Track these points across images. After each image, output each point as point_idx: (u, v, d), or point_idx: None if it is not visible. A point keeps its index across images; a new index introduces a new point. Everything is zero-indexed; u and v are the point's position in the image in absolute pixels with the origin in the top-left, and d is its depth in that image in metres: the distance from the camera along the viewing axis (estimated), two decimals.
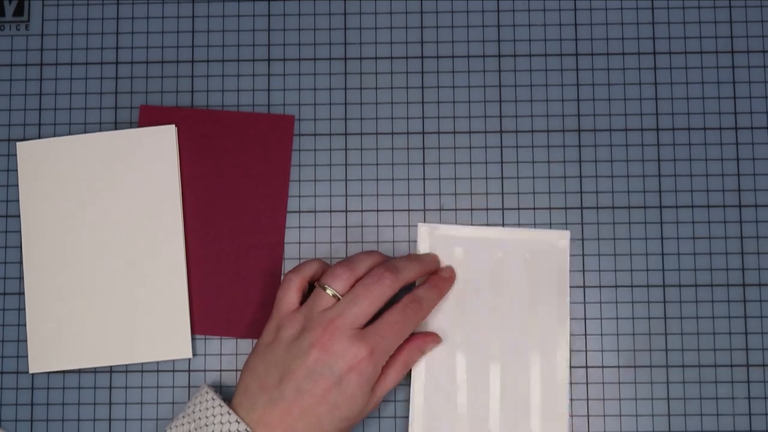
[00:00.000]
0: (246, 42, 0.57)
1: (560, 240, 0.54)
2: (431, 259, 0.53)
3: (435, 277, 0.53)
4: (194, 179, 0.56)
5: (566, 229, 0.55)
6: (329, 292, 0.48)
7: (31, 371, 0.55)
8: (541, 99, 0.56)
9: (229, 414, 0.46)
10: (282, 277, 0.53)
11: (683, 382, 0.54)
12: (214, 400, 0.48)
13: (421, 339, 0.52)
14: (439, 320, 0.53)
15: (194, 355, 0.55)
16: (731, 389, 0.54)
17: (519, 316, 0.53)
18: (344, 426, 0.48)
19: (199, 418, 0.47)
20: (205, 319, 0.55)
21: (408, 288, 0.51)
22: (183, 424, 0.48)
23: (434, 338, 0.53)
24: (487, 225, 0.55)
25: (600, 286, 0.55)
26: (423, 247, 0.55)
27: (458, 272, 0.54)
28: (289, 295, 0.50)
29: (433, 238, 0.55)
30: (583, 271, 0.55)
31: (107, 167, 0.56)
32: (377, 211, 0.56)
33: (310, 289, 0.51)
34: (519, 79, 0.57)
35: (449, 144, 0.56)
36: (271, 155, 0.56)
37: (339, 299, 0.48)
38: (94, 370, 0.55)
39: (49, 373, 0.55)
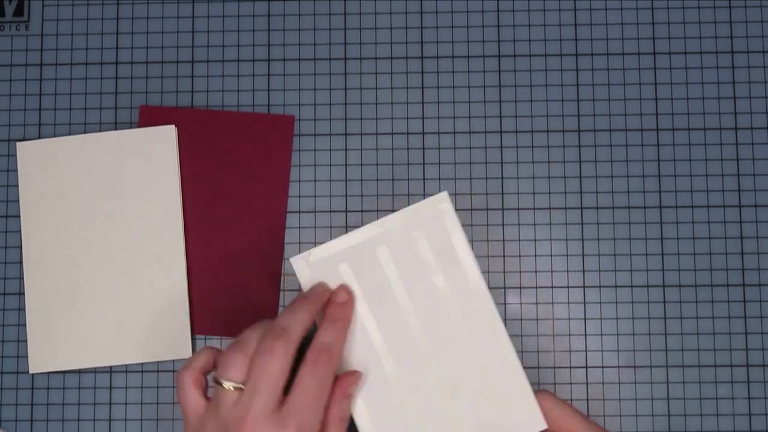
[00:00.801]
0: (246, 42, 0.58)
1: (441, 203, 0.47)
2: (319, 291, 0.46)
3: (331, 309, 0.46)
4: (194, 179, 0.56)
5: (566, 229, 0.55)
6: (227, 386, 0.43)
7: (31, 371, 0.55)
8: (541, 99, 0.56)
9: None
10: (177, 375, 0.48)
11: (683, 382, 0.54)
12: None
13: (342, 386, 0.45)
14: (360, 350, 0.47)
15: None
16: (731, 389, 0.54)
17: (437, 303, 0.47)
18: None
19: None
20: (205, 319, 0.55)
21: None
22: None
23: (354, 377, 0.46)
24: (361, 226, 0.54)
25: (600, 286, 0.55)
26: (305, 282, 0.47)
27: (355, 289, 0.47)
28: (191, 397, 0.44)
29: (311, 268, 0.47)
30: (583, 271, 0.55)
31: (107, 167, 0.56)
32: (377, 211, 0.56)
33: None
34: (519, 79, 0.57)
35: (449, 144, 0.56)
36: (271, 155, 0.56)
37: (242, 389, 0.43)
38: (94, 371, 0.55)
39: (49, 373, 0.55)
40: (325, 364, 0.44)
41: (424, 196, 0.56)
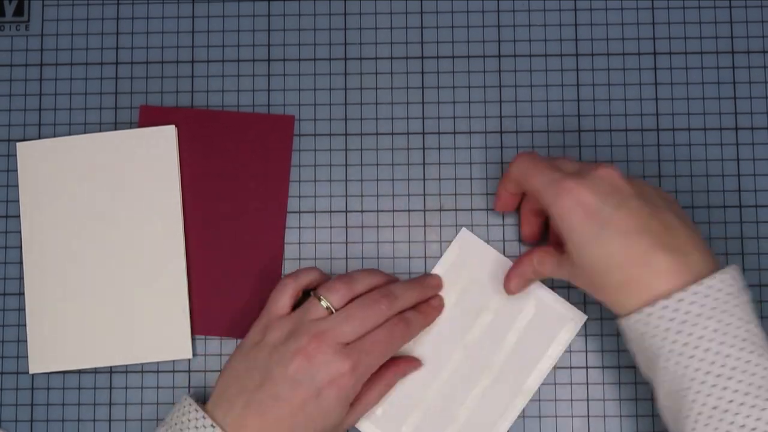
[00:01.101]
0: (246, 42, 0.57)
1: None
2: (432, 284, 0.53)
3: (425, 304, 0.52)
4: (194, 179, 0.56)
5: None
6: (323, 303, 0.48)
7: (31, 371, 0.55)
8: (542, 99, 0.56)
9: (204, 419, 0.46)
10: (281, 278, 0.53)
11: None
12: (191, 405, 0.47)
13: (405, 363, 0.52)
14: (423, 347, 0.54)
15: (194, 355, 0.55)
16: None
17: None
18: None
19: (176, 424, 0.47)
20: (205, 319, 0.55)
21: None
22: None
23: (416, 363, 0.53)
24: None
25: None
26: (451, 254, 0.55)
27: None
28: (282, 299, 0.49)
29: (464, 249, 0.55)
30: None
31: (107, 167, 0.56)
32: (377, 211, 0.56)
33: (304, 296, 0.51)
34: (519, 79, 0.57)
35: (449, 144, 0.56)
36: (271, 155, 0.56)
37: (332, 312, 0.48)
38: (94, 371, 0.55)
39: (49, 373, 0.55)
40: (401, 331, 0.49)
41: (424, 196, 0.56)
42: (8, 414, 0.55)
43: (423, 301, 0.53)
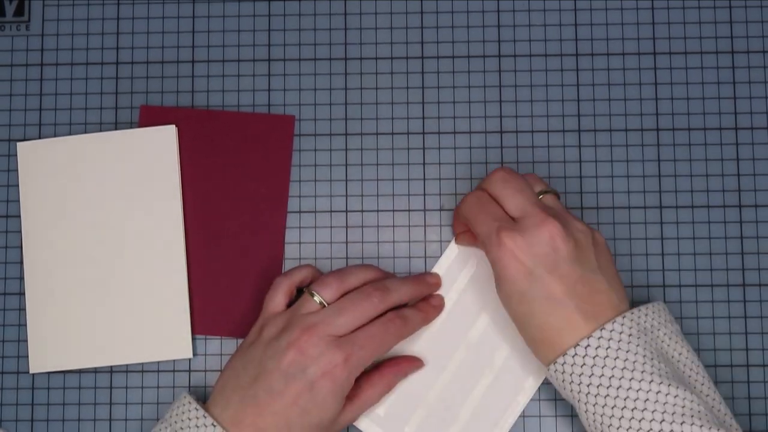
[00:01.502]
0: (246, 42, 0.58)
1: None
2: (430, 282, 0.54)
3: (424, 303, 0.53)
4: (194, 179, 0.56)
5: None
6: (316, 299, 0.49)
7: (31, 371, 0.55)
8: (541, 99, 0.56)
9: (205, 417, 0.46)
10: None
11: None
12: (190, 403, 0.48)
13: (406, 363, 0.52)
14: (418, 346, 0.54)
15: (194, 355, 0.55)
16: (731, 389, 0.54)
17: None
18: None
19: (176, 422, 0.47)
20: (206, 319, 0.55)
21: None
22: (160, 430, 0.48)
23: (418, 363, 0.53)
24: None
25: None
26: (451, 253, 0.55)
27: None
28: (277, 298, 0.50)
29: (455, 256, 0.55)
30: None
31: (107, 167, 0.56)
32: (377, 211, 0.56)
33: (299, 294, 0.51)
34: (519, 79, 0.57)
35: (449, 144, 0.56)
36: (271, 155, 0.56)
37: (324, 307, 0.48)
38: (95, 370, 0.55)
39: (49, 373, 0.55)
40: (397, 327, 0.49)
41: (425, 196, 0.56)
42: (8, 413, 0.55)
43: (423, 299, 0.53)
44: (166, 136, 0.56)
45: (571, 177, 0.56)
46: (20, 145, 0.56)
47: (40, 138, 0.57)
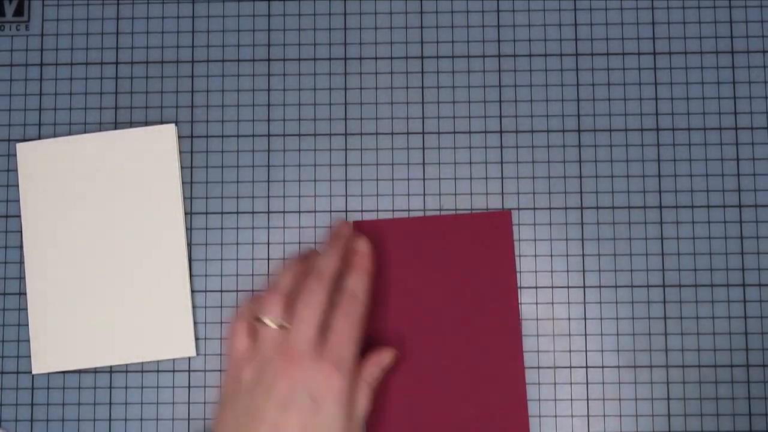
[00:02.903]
0: (246, 42, 0.58)
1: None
2: (341, 233, 0.53)
3: (354, 259, 0.51)
4: (410, 288, 0.54)
5: (566, 229, 0.55)
6: (268, 321, 0.47)
7: (34, 372, 0.55)
8: (541, 99, 0.56)
9: None
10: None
11: (683, 382, 0.54)
12: None
13: (376, 355, 0.51)
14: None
15: (196, 354, 0.55)
16: (731, 389, 0.54)
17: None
18: None
19: None
20: None
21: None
22: None
23: (389, 352, 0.51)
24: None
25: (600, 286, 0.55)
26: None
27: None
28: (239, 340, 0.48)
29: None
30: (583, 271, 0.55)
31: (107, 167, 0.56)
32: (377, 211, 0.56)
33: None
34: (519, 79, 0.57)
35: (449, 144, 0.56)
36: (492, 254, 0.54)
37: (283, 327, 0.47)
38: (95, 370, 0.55)
39: (49, 373, 0.55)
40: (354, 307, 0.49)
41: (424, 196, 0.56)
42: (8, 414, 0.55)
43: (353, 255, 0.51)
44: (166, 135, 0.56)
45: (571, 177, 0.56)
46: (20, 146, 0.56)
47: (40, 138, 0.57)
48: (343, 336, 0.47)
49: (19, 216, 0.56)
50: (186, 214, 0.56)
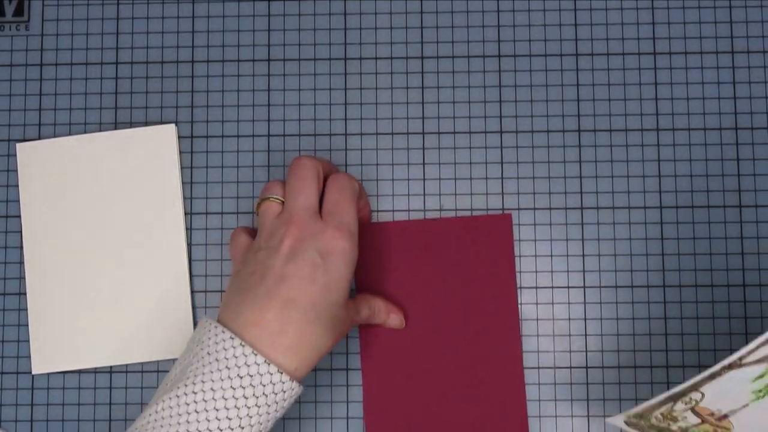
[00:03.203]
0: (246, 42, 0.58)
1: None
2: (309, 164, 0.51)
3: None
4: (415, 290, 0.54)
5: (566, 229, 0.55)
6: (273, 200, 0.49)
7: (34, 372, 0.55)
8: (541, 99, 0.56)
9: (233, 338, 0.43)
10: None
11: (683, 383, 0.54)
12: (209, 323, 0.45)
13: (391, 309, 0.53)
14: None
15: None
16: None
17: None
18: (337, 318, 0.46)
19: (209, 354, 0.44)
20: None
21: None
22: (196, 354, 0.44)
23: (400, 317, 0.53)
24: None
25: (600, 287, 0.55)
26: None
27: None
28: (241, 238, 0.50)
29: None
30: (583, 271, 0.55)
31: (107, 167, 0.56)
32: (377, 211, 0.56)
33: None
34: (519, 79, 0.57)
35: (449, 144, 0.56)
36: (492, 257, 0.54)
37: (283, 202, 0.49)
38: (94, 371, 0.55)
39: (49, 373, 0.55)
40: (347, 182, 0.49)
41: (424, 196, 0.56)
42: (8, 414, 0.55)
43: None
44: (166, 136, 0.56)
45: (571, 177, 0.56)
46: (20, 146, 0.56)
47: (40, 138, 0.57)
48: (341, 206, 0.48)
49: (19, 216, 0.56)
50: (186, 214, 0.56)
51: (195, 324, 0.55)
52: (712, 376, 0.39)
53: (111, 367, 0.55)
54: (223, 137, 0.57)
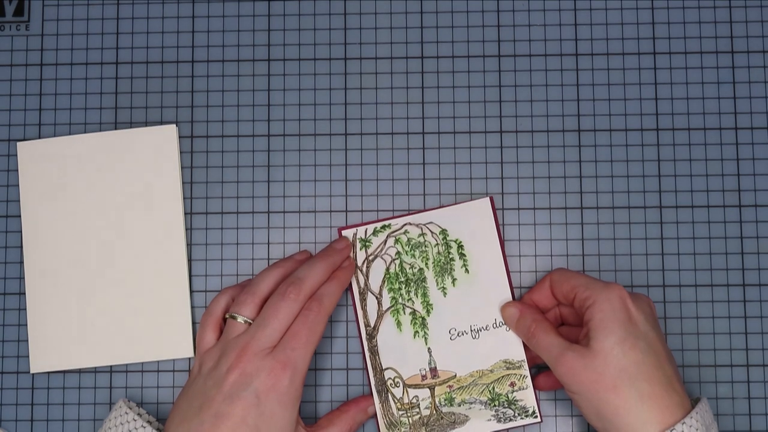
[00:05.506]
0: (246, 42, 0.58)
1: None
2: (339, 248, 0.53)
3: (337, 270, 0.52)
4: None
5: (566, 229, 0.55)
6: (240, 320, 0.49)
7: (32, 371, 0.55)
8: (541, 99, 0.56)
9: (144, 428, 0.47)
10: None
11: (683, 383, 0.54)
12: (135, 421, 0.48)
13: (365, 401, 0.53)
14: None
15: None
16: (731, 389, 0.54)
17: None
18: None
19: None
20: None
21: None
22: None
23: (368, 402, 0.53)
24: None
25: None
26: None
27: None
28: (206, 336, 0.50)
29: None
30: (583, 271, 0.55)
31: (107, 167, 0.56)
32: (377, 211, 0.56)
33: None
34: (519, 79, 0.57)
35: (449, 144, 0.56)
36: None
37: (250, 324, 0.49)
38: (94, 370, 0.55)
39: (49, 373, 0.55)
40: (315, 312, 0.49)
41: (424, 196, 0.56)
42: (8, 413, 0.55)
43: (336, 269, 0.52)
44: (167, 136, 0.56)
45: (571, 177, 0.56)
46: (20, 145, 0.56)
47: (39, 138, 0.57)
48: (297, 338, 0.48)
49: (19, 216, 0.56)
50: (186, 214, 0.56)
51: (195, 324, 0.55)
52: None
53: (111, 367, 0.55)
54: (223, 137, 0.57)
